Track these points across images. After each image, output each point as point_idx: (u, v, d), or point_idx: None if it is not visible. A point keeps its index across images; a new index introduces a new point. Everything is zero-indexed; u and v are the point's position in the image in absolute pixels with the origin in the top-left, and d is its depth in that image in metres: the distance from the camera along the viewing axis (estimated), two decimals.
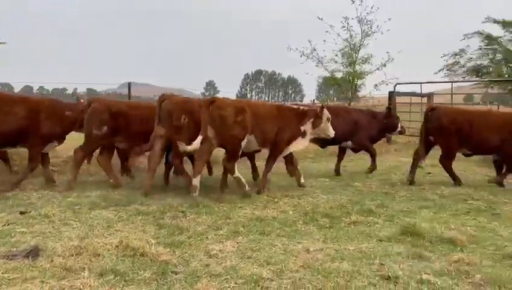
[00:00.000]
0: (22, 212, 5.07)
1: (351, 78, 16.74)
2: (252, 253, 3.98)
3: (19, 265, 3.50)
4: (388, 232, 4.64)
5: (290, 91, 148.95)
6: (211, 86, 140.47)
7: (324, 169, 9.22)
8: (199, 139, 5.88)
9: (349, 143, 8.60)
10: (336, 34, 16.39)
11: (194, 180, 6.11)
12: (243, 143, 6.23)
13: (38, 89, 37.23)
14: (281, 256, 3.91)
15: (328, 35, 16.46)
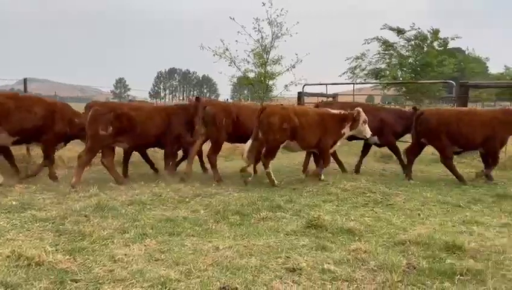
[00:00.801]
0: None
1: (262, 79, 17.13)
2: (160, 255, 3.89)
3: None
4: (295, 226, 4.84)
5: (205, 90, 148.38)
6: (121, 83, 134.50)
7: (238, 167, 9.29)
8: (251, 140, 7.34)
9: (376, 138, 8.83)
10: (248, 34, 16.66)
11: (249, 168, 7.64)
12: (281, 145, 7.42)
13: None
14: (190, 256, 3.88)
15: (240, 36, 16.69)
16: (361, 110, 7.80)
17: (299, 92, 15.10)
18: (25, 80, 12.20)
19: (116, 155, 7.73)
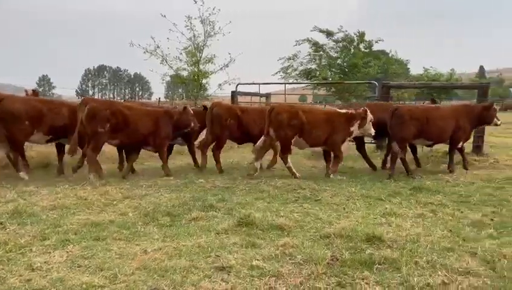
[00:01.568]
0: None
1: (196, 77, 16.98)
2: (83, 261, 3.73)
3: None
4: (226, 225, 4.85)
5: (137, 89, 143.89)
6: (45, 81, 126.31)
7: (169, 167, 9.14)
8: (263, 137, 8.05)
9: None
10: (180, 32, 16.44)
11: (256, 164, 8.11)
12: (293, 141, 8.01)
13: None
14: (116, 261, 3.76)
15: (172, 34, 16.40)
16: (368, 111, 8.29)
17: (233, 91, 15.18)
18: None
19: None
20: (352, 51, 28.41)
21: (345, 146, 8.46)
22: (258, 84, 15.67)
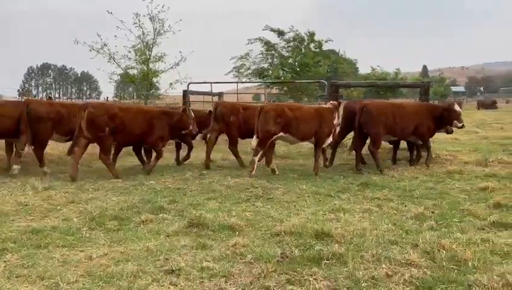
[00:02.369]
0: None
1: (146, 76, 16.57)
2: (22, 270, 3.53)
3: None
4: (176, 227, 4.78)
5: (84, 88, 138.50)
6: None
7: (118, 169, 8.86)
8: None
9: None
10: (128, 30, 15.96)
11: (254, 158, 8.14)
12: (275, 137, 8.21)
13: None
14: (58, 269, 3.58)
15: (119, 31, 15.89)
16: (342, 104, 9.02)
17: (184, 90, 14.96)
18: None
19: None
20: (303, 50, 28.92)
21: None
22: (210, 83, 15.56)
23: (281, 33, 29.13)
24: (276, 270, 3.57)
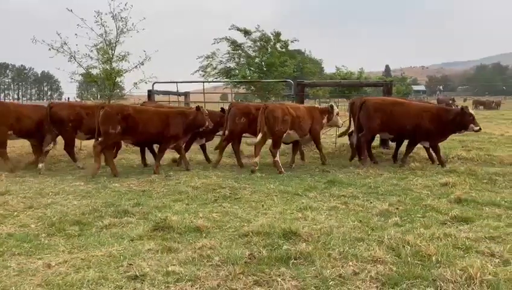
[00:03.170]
0: None
1: (109, 76, 16.07)
2: None
3: None
4: (141, 231, 4.64)
5: (45, 88, 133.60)
6: None
7: (79, 172, 8.56)
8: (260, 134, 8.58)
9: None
10: (90, 28, 15.43)
11: (256, 159, 8.58)
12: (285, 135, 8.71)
13: None
14: (14, 278, 3.40)
15: (80, 29, 15.32)
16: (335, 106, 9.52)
17: (149, 90, 14.63)
18: None
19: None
20: (269, 50, 29.04)
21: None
22: (176, 82, 15.29)
23: (247, 33, 29.15)
24: (243, 272, 3.51)
